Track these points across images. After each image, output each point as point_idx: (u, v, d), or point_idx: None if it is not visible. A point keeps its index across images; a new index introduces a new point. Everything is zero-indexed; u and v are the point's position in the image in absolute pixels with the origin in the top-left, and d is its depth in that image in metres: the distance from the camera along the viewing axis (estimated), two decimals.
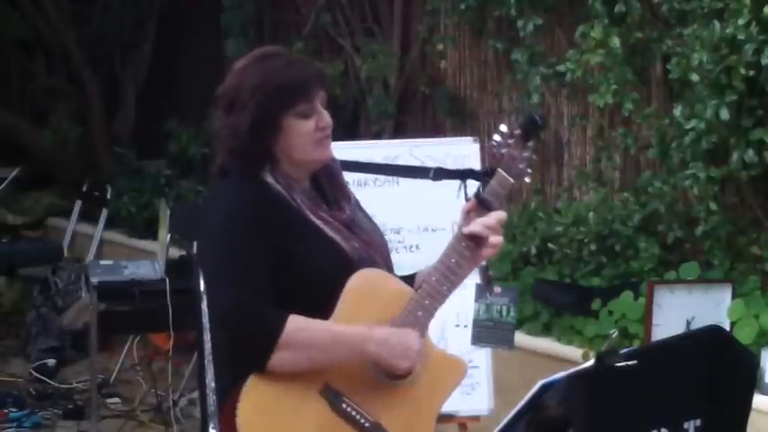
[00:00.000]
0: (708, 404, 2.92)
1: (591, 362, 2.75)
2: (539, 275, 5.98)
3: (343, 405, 2.78)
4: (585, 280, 5.81)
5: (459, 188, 3.08)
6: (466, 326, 4.71)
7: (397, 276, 2.99)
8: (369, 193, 4.76)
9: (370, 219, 3.09)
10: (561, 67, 5.79)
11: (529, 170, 2.96)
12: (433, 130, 7.67)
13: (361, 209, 3.08)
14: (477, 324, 4.68)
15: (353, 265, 2.87)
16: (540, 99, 6.38)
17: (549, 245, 6.02)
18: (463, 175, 3.16)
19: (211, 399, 2.61)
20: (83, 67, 9.70)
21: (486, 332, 4.68)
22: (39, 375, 7.11)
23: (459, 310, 4.75)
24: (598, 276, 5.79)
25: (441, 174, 3.48)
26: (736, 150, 4.96)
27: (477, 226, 2.89)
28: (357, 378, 2.80)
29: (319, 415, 2.76)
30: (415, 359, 2.83)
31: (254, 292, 2.72)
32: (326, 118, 2.91)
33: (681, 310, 4.71)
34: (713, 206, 5.14)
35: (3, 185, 9.11)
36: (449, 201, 3.30)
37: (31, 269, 8.22)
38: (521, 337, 5.44)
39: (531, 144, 2.96)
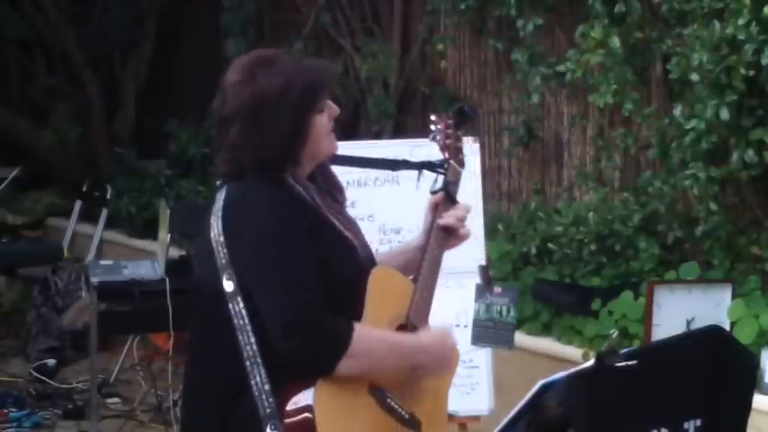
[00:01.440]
0: (708, 404, 2.92)
1: (591, 362, 2.75)
2: (539, 275, 5.99)
3: (388, 401, 2.87)
4: (585, 280, 5.81)
5: (418, 179, 3.21)
6: (466, 326, 4.72)
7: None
8: (369, 193, 4.77)
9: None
10: (561, 67, 5.79)
11: (468, 157, 3.20)
12: None
13: None
14: (477, 324, 4.69)
15: (361, 259, 2.93)
16: (540, 99, 6.38)
17: (549, 245, 6.02)
18: (422, 167, 3.25)
19: (267, 400, 2.63)
20: (83, 67, 9.70)
21: (486, 332, 4.69)
22: (39, 375, 7.11)
23: (459, 310, 4.76)
24: (598, 276, 5.80)
25: (401, 165, 3.57)
26: (736, 150, 4.96)
27: (451, 219, 3.06)
28: (397, 375, 2.91)
29: (374, 414, 2.85)
30: (454, 365, 3.02)
31: (313, 298, 2.72)
32: (335, 108, 2.95)
33: (681, 310, 4.71)
34: (713, 206, 5.14)
35: (3, 185, 9.11)
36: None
37: (31, 269, 8.22)
38: (521, 337, 5.44)
39: (461, 132, 3.16)
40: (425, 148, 4.87)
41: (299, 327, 2.68)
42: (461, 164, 3.14)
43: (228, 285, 2.72)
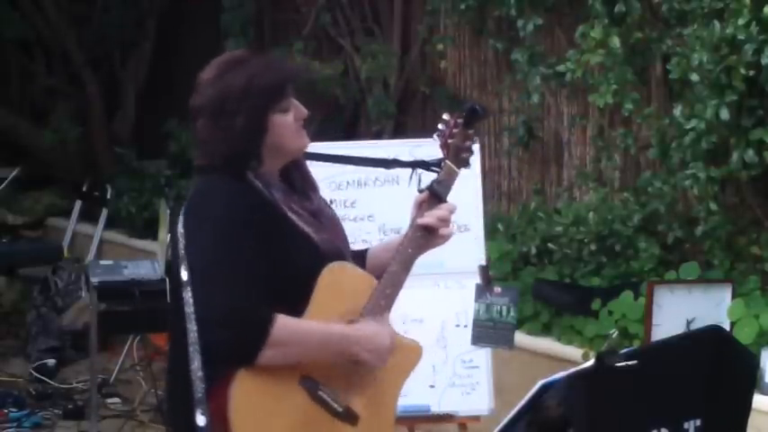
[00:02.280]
0: (708, 404, 2.92)
1: (591, 362, 2.75)
2: (539, 275, 5.99)
3: (320, 392, 2.92)
4: (585, 280, 5.81)
5: (411, 178, 3.21)
6: (466, 326, 4.72)
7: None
8: (369, 193, 4.77)
9: (329, 206, 3.23)
10: (561, 67, 5.79)
11: (470, 157, 3.13)
12: (433, 130, 7.65)
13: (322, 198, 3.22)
14: (477, 324, 4.69)
15: (325, 257, 2.99)
16: (540, 99, 6.38)
17: (549, 245, 6.02)
18: (415, 165, 3.26)
19: (199, 386, 2.68)
20: (83, 67, 9.70)
21: (486, 332, 4.70)
22: (39, 375, 7.11)
23: (459, 310, 4.76)
24: (598, 276, 5.80)
25: (394, 164, 3.60)
26: (736, 150, 4.96)
27: (431, 218, 3.08)
28: (328, 365, 2.94)
29: (300, 403, 2.90)
30: (388, 357, 2.98)
31: (242, 291, 2.83)
32: (303, 109, 3.07)
33: (681, 310, 4.70)
34: (713, 206, 5.14)
35: (3, 185, 9.11)
36: (448, 201, 3.34)
37: (31, 269, 8.23)
38: (521, 337, 5.44)
39: (472, 132, 3.13)
40: (426, 148, 4.86)
41: (226, 323, 2.79)
42: (464, 164, 3.13)
43: (184, 275, 2.81)
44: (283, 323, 2.84)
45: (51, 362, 7.26)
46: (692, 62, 4.95)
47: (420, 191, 3.12)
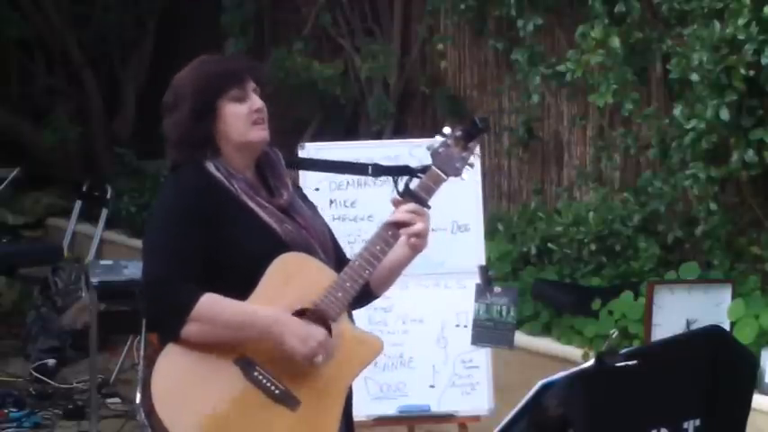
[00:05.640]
0: (708, 404, 2.92)
1: (591, 362, 2.76)
2: (539, 275, 5.99)
3: (256, 373, 2.94)
4: (585, 280, 5.81)
5: (395, 183, 3.20)
6: (466, 326, 4.72)
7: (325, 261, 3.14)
8: (369, 193, 4.77)
9: (314, 209, 3.28)
10: (561, 67, 5.79)
11: (466, 168, 3.14)
12: (433, 130, 7.64)
13: (308, 202, 3.27)
14: (477, 324, 4.69)
15: (285, 247, 3.04)
16: (539, 99, 6.38)
17: (549, 245, 6.02)
18: (399, 171, 3.28)
19: (142, 364, 2.77)
20: (83, 67, 9.70)
21: (486, 332, 4.70)
22: (39, 375, 7.11)
23: (459, 310, 4.76)
24: (598, 276, 5.80)
25: (378, 170, 3.66)
26: (736, 150, 4.96)
27: (399, 213, 3.11)
28: (274, 352, 2.96)
29: (231, 382, 2.93)
30: (315, 348, 2.96)
31: (170, 268, 2.94)
32: (258, 101, 3.13)
33: (681, 310, 4.71)
34: (713, 206, 5.14)
35: (3, 185, 9.10)
36: (448, 201, 3.35)
37: (31, 269, 8.22)
38: (521, 337, 5.44)
39: (471, 145, 3.15)
40: (425, 148, 4.91)
41: (145, 293, 2.96)
42: (455, 172, 3.13)
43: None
44: (210, 300, 2.91)
45: (51, 362, 7.25)
46: (692, 62, 4.95)
47: (399, 194, 3.14)
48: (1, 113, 9.81)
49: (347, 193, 4.82)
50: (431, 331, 4.77)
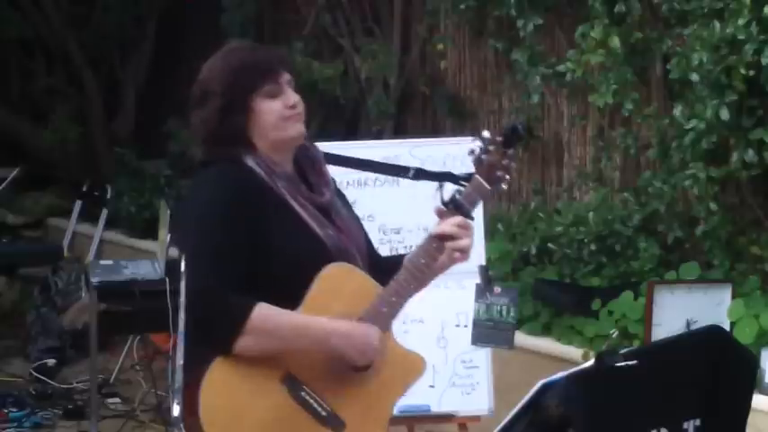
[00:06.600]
0: (708, 404, 2.92)
1: (591, 362, 2.76)
2: (539, 275, 5.99)
3: (302, 393, 2.86)
4: (585, 280, 5.81)
5: (437, 190, 3.05)
6: (466, 326, 4.72)
7: (367, 267, 3.06)
8: (369, 193, 4.77)
9: (350, 209, 3.17)
10: (561, 67, 5.79)
11: (507, 177, 2.99)
12: (433, 130, 7.67)
13: (343, 198, 3.16)
14: (477, 324, 4.69)
15: (327, 251, 2.94)
16: (539, 99, 6.38)
17: (549, 245, 6.02)
18: (442, 177, 3.19)
19: (179, 375, 2.68)
20: (83, 67, 9.69)
21: (487, 332, 4.70)
22: (39, 375, 7.10)
23: (459, 310, 4.76)
24: (598, 276, 5.80)
25: (421, 174, 3.53)
26: (736, 150, 4.96)
27: (445, 226, 2.97)
28: (319, 368, 2.88)
29: (278, 401, 2.85)
30: (374, 355, 2.90)
31: (221, 278, 2.80)
32: (293, 96, 3.01)
33: (681, 310, 4.71)
34: (713, 206, 5.14)
35: (3, 185, 9.10)
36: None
37: (31, 269, 8.21)
38: (521, 337, 5.44)
39: (511, 152, 2.99)
40: (425, 148, 4.92)
41: (194, 305, 2.76)
42: (497, 181, 2.97)
43: (182, 265, 2.82)
44: (263, 311, 2.80)
45: (51, 362, 7.25)
46: (692, 62, 4.95)
47: (444, 203, 3.00)
48: (1, 113, 9.80)
49: (347, 193, 4.79)
50: (431, 331, 4.77)
